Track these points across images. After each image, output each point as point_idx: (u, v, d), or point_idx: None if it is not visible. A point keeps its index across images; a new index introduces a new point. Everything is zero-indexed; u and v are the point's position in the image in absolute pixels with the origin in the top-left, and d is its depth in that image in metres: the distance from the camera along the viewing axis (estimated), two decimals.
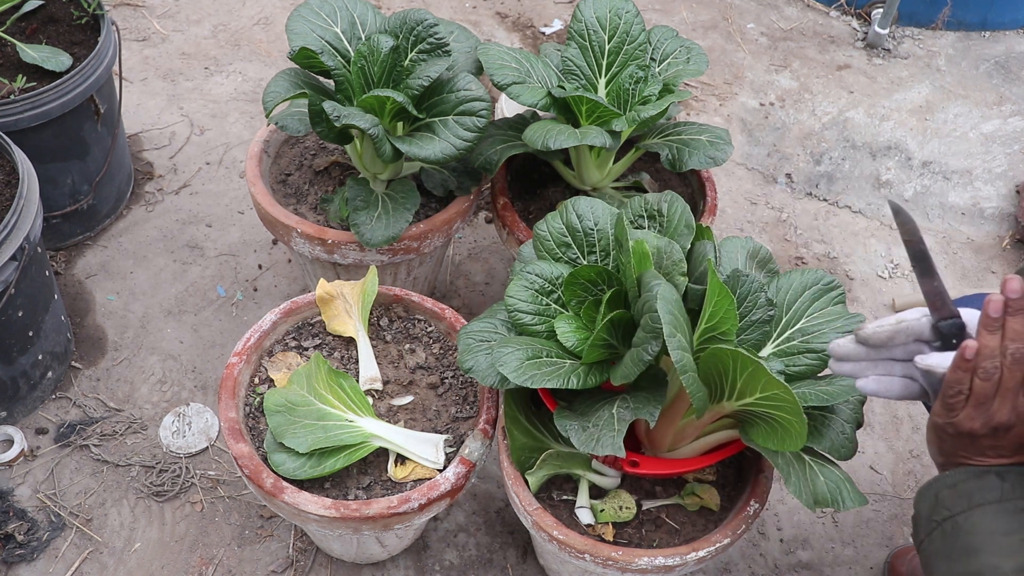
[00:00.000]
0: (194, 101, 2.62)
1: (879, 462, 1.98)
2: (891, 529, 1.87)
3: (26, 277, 1.72)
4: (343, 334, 1.65)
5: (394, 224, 1.72)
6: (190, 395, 1.98)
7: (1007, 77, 2.91)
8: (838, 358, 1.16)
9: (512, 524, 1.81)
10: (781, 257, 2.38)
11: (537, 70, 1.77)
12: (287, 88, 1.68)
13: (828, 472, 1.30)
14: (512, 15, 3.02)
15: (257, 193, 1.83)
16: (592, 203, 1.45)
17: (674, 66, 1.81)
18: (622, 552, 1.37)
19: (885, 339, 1.12)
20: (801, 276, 1.44)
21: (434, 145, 1.65)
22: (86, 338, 2.05)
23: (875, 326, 1.12)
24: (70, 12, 2.13)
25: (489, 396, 1.54)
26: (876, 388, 1.14)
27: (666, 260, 1.33)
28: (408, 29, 1.71)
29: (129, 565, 1.72)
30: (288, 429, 1.45)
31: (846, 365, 1.16)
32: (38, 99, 1.89)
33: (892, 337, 1.12)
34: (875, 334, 1.12)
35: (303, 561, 1.74)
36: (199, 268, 2.22)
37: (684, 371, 1.16)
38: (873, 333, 1.12)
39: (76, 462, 1.85)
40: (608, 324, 1.28)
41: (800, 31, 3.06)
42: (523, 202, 1.94)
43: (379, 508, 1.39)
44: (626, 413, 1.25)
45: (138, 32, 2.82)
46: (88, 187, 2.15)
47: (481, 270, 2.28)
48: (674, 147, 1.76)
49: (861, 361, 1.15)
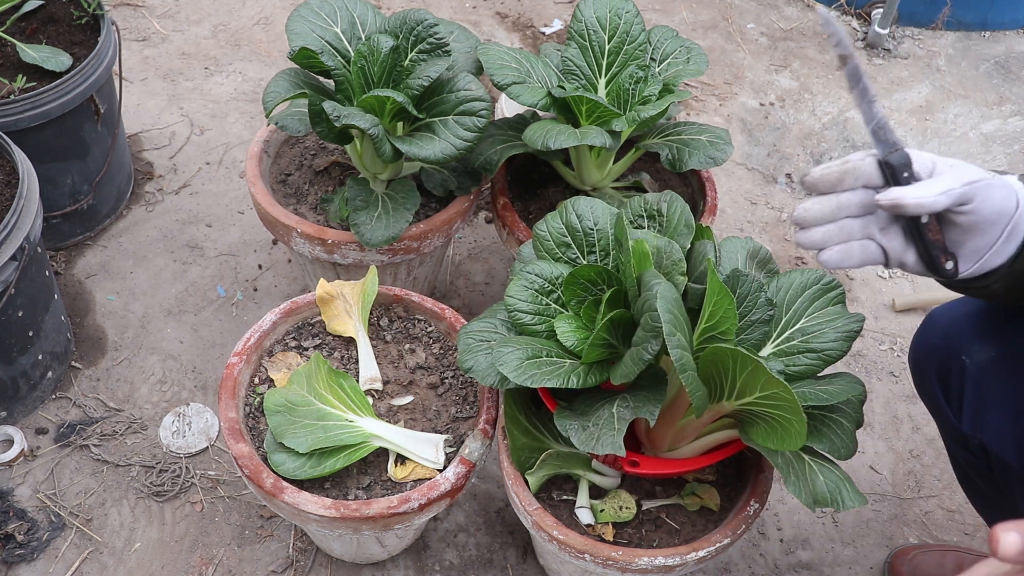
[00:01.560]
0: (194, 101, 2.62)
1: (879, 462, 1.98)
2: (891, 529, 1.87)
3: (26, 277, 1.72)
4: (343, 334, 1.65)
5: (394, 224, 1.72)
6: (190, 395, 1.98)
7: (1007, 77, 2.91)
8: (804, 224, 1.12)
9: (512, 524, 1.81)
10: (781, 257, 2.38)
11: (537, 70, 1.77)
12: (287, 88, 1.69)
13: (828, 472, 1.30)
14: (512, 15, 3.02)
15: (257, 193, 1.83)
16: (592, 203, 1.45)
17: (674, 66, 1.81)
18: (622, 552, 1.37)
19: (835, 180, 1.09)
20: (801, 276, 1.44)
21: (434, 145, 1.65)
22: (86, 338, 2.05)
23: (822, 169, 1.09)
24: (70, 12, 2.13)
25: (489, 396, 1.54)
26: (839, 258, 1.10)
27: (666, 260, 1.33)
28: (408, 29, 1.71)
29: (129, 565, 1.72)
30: (288, 429, 1.45)
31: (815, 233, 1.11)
32: (38, 99, 1.89)
33: (841, 178, 1.09)
34: (824, 177, 1.09)
35: (303, 561, 1.74)
36: (199, 268, 2.22)
37: (684, 370, 1.16)
38: (821, 176, 1.09)
39: (76, 462, 1.85)
40: (608, 323, 1.28)
41: (800, 31, 3.06)
42: (523, 202, 1.94)
43: (379, 508, 1.39)
44: (626, 412, 1.25)
45: (138, 32, 2.82)
46: (88, 187, 2.15)
47: (481, 270, 2.28)
48: (674, 147, 1.76)
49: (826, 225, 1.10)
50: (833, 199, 1.10)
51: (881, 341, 2.20)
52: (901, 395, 2.10)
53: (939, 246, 1.09)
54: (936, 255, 1.09)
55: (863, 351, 2.18)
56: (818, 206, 1.10)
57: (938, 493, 1.93)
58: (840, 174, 1.09)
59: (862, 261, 1.12)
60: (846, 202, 1.10)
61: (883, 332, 2.22)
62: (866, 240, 1.11)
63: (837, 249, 1.11)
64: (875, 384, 2.12)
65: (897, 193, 1.05)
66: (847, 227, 1.11)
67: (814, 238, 1.11)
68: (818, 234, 1.11)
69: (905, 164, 1.07)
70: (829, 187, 1.10)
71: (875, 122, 1.09)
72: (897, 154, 1.07)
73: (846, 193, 1.10)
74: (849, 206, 1.10)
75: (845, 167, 1.09)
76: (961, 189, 1.05)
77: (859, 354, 2.17)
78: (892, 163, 1.07)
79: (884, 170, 1.09)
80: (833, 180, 1.10)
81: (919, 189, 1.05)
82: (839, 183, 1.10)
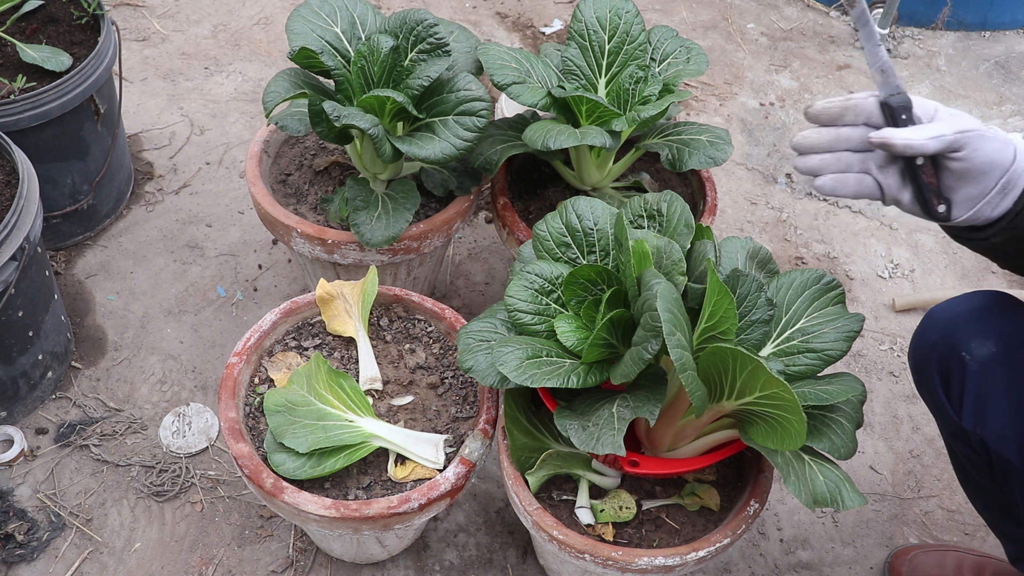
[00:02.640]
0: (194, 101, 2.62)
1: (879, 462, 1.98)
2: (891, 529, 1.87)
3: (26, 277, 1.72)
4: (343, 334, 1.65)
5: (394, 224, 1.72)
6: (190, 395, 1.98)
7: (1007, 77, 2.91)
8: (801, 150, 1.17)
9: (512, 524, 1.81)
10: (781, 257, 2.38)
11: (537, 70, 1.77)
12: (287, 88, 1.69)
13: (827, 472, 1.30)
14: (512, 15, 3.02)
15: (257, 193, 1.83)
16: (591, 203, 1.45)
17: (674, 66, 1.81)
18: (622, 552, 1.37)
19: (836, 114, 1.15)
20: (801, 276, 1.44)
21: (434, 145, 1.65)
22: (86, 338, 2.05)
23: (825, 102, 1.15)
24: (70, 12, 2.14)
25: (489, 396, 1.54)
26: (833, 185, 1.16)
27: (666, 260, 1.33)
28: (408, 29, 1.71)
29: (129, 565, 1.72)
30: (288, 429, 1.45)
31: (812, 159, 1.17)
32: (38, 99, 1.89)
33: (842, 113, 1.15)
34: (825, 110, 1.15)
35: (303, 561, 1.74)
36: (199, 268, 2.22)
37: (684, 369, 1.16)
38: (823, 109, 1.15)
39: (76, 462, 1.85)
40: (608, 323, 1.28)
41: (800, 31, 3.06)
42: (523, 202, 1.94)
43: (379, 508, 1.39)
44: (626, 412, 1.25)
45: (138, 32, 2.82)
46: (88, 187, 2.15)
47: (481, 270, 2.28)
48: (674, 147, 1.76)
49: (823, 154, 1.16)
50: (832, 131, 1.16)
51: (881, 341, 2.20)
52: (901, 395, 2.10)
53: (932, 189, 1.13)
54: (929, 197, 1.14)
55: (863, 351, 2.18)
56: (816, 135, 1.16)
57: (938, 493, 1.93)
58: (842, 109, 1.14)
59: (856, 192, 1.17)
60: (845, 135, 1.15)
61: (883, 332, 2.22)
62: (863, 174, 1.16)
63: (831, 177, 1.16)
64: (875, 384, 2.12)
65: (888, 132, 1.11)
66: (844, 159, 1.16)
67: (810, 163, 1.17)
68: (815, 160, 1.17)
69: (904, 107, 1.12)
70: (830, 120, 1.15)
71: (879, 64, 1.14)
72: (898, 96, 1.13)
73: (846, 127, 1.15)
74: (848, 139, 1.15)
75: (847, 103, 1.14)
76: (953, 136, 1.09)
77: (859, 354, 2.17)
78: (892, 105, 1.13)
79: (885, 111, 1.14)
80: (835, 113, 1.15)
81: (910, 131, 1.10)
82: (840, 117, 1.15)
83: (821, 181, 1.17)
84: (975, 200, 1.13)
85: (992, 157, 1.11)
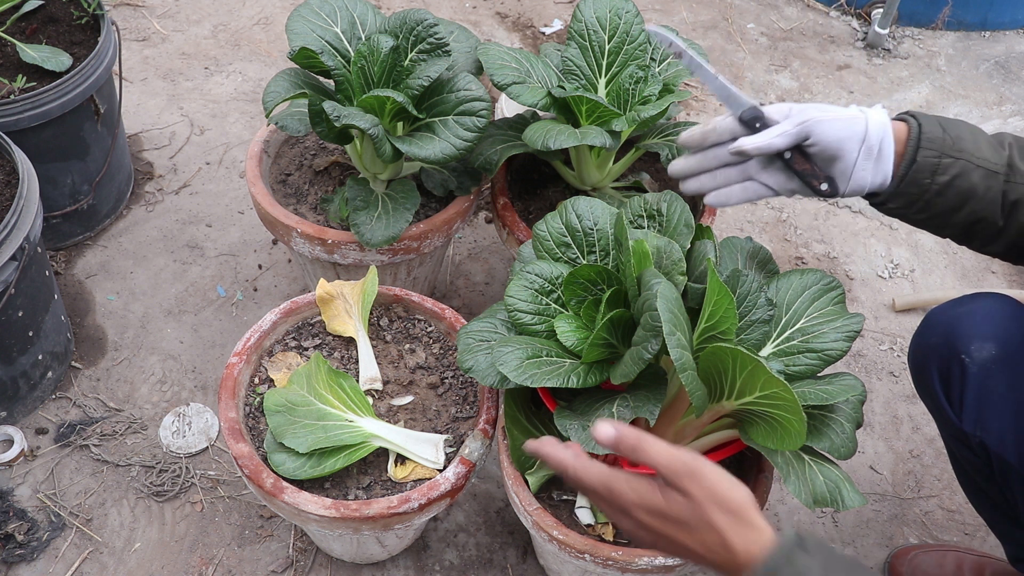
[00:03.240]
0: (194, 101, 2.62)
1: (879, 462, 1.98)
2: (891, 529, 1.87)
3: (26, 277, 1.72)
4: (343, 334, 1.65)
5: (394, 224, 1.72)
6: (190, 395, 1.98)
7: (1007, 77, 2.91)
8: (677, 175, 1.33)
9: (512, 524, 1.81)
10: (781, 257, 2.38)
11: (537, 70, 1.77)
12: (287, 88, 1.69)
13: (827, 471, 1.30)
14: (512, 15, 3.02)
15: (257, 193, 1.83)
16: (591, 203, 1.45)
17: (674, 66, 1.81)
18: (622, 552, 1.37)
19: (699, 139, 1.29)
20: (801, 276, 1.44)
21: (434, 145, 1.65)
22: (86, 338, 2.05)
23: (687, 131, 1.30)
24: (70, 12, 2.14)
25: (489, 396, 1.54)
26: (719, 199, 1.30)
27: (665, 260, 1.33)
28: (408, 29, 1.71)
29: (129, 565, 1.72)
30: (288, 429, 1.45)
31: (691, 183, 1.32)
32: (38, 99, 1.89)
33: (705, 136, 1.29)
34: (689, 137, 1.30)
35: (303, 561, 1.74)
36: (199, 268, 2.22)
37: (683, 369, 1.16)
38: (688, 137, 1.30)
39: (76, 462, 1.85)
40: (608, 323, 1.28)
41: (800, 31, 3.06)
42: (523, 202, 1.94)
43: (379, 508, 1.39)
44: (626, 412, 1.25)
45: (138, 32, 2.82)
46: (88, 187, 2.15)
47: (481, 270, 2.28)
48: (674, 147, 1.76)
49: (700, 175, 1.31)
50: (699, 155, 1.31)
51: (881, 341, 2.20)
52: (901, 395, 2.10)
53: (809, 173, 1.26)
54: (809, 180, 1.27)
55: (863, 351, 2.18)
56: (684, 161, 1.33)
57: (938, 493, 1.93)
58: (702, 134, 1.29)
59: (744, 198, 1.30)
60: (713, 154, 1.30)
61: (883, 332, 2.22)
62: (747, 182, 1.29)
63: (714, 193, 1.31)
64: (875, 384, 2.12)
65: (740, 141, 1.25)
66: (721, 174, 1.30)
67: (691, 187, 1.33)
68: (693, 184, 1.32)
69: (756, 117, 1.26)
70: (696, 145, 1.31)
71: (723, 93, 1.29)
72: (748, 110, 1.26)
73: (712, 148, 1.30)
74: (718, 157, 1.29)
75: (706, 127, 1.29)
76: (795, 129, 1.22)
77: (859, 354, 2.17)
78: (744, 119, 1.27)
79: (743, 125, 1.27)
80: (697, 139, 1.30)
81: (758, 137, 1.24)
82: (704, 140, 1.30)
83: (708, 199, 1.31)
84: (847, 172, 1.24)
85: (839, 134, 1.22)
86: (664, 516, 0.94)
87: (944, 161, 1.22)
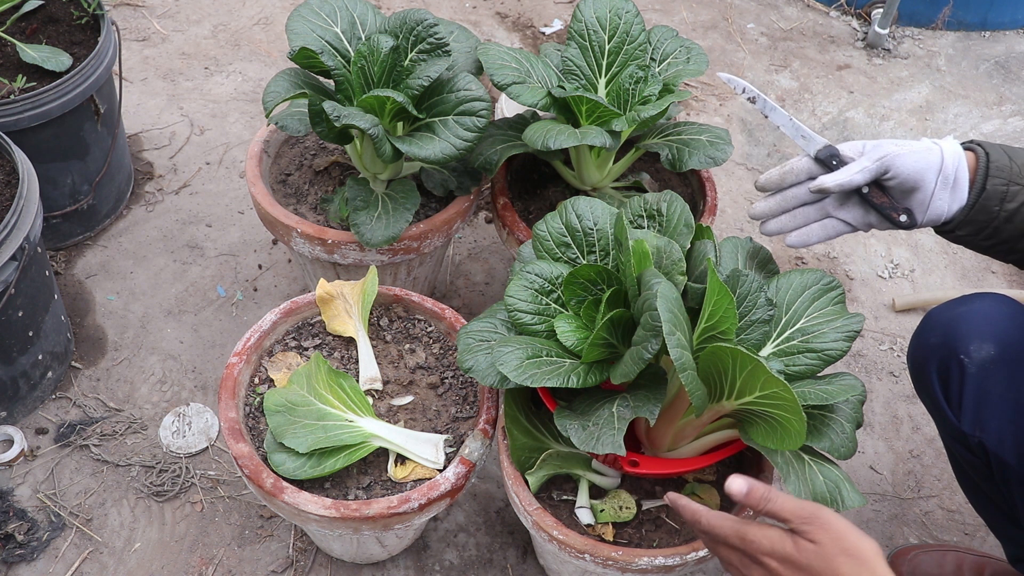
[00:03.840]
0: (194, 101, 2.62)
1: (879, 462, 1.98)
2: (891, 529, 1.87)
3: (26, 277, 1.73)
4: (343, 334, 1.65)
5: (394, 224, 1.72)
6: (190, 395, 1.98)
7: (1007, 77, 2.91)
8: (758, 217, 1.38)
9: (512, 524, 1.81)
10: (781, 257, 2.38)
11: (537, 70, 1.77)
12: (287, 88, 1.69)
13: (827, 471, 1.30)
14: (512, 15, 3.02)
15: (257, 193, 1.83)
16: (591, 203, 1.45)
17: (674, 66, 1.81)
18: (622, 552, 1.37)
19: (778, 180, 1.35)
20: (801, 276, 1.44)
21: (434, 145, 1.65)
22: (86, 338, 2.05)
23: (766, 174, 1.36)
24: (70, 12, 2.14)
25: (489, 396, 1.54)
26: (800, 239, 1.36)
27: (665, 259, 1.33)
28: (408, 29, 1.71)
29: (129, 565, 1.72)
30: (288, 429, 1.45)
31: (771, 224, 1.37)
32: (38, 99, 1.89)
33: (783, 178, 1.35)
34: (768, 179, 1.35)
35: (303, 561, 1.74)
36: (199, 268, 2.22)
37: (683, 369, 1.16)
38: (766, 179, 1.36)
39: (76, 462, 1.85)
40: (608, 323, 1.28)
41: (800, 31, 3.06)
42: (523, 202, 1.94)
43: (379, 508, 1.39)
44: (626, 411, 1.25)
45: (138, 32, 2.82)
46: (88, 187, 2.15)
47: (481, 270, 2.28)
48: (674, 147, 1.76)
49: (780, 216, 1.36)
50: (778, 196, 1.36)
51: (881, 341, 2.20)
52: (901, 395, 2.10)
53: (887, 206, 1.32)
54: (887, 213, 1.32)
55: (863, 351, 2.18)
56: (765, 203, 1.38)
57: (938, 493, 1.93)
58: (781, 175, 1.35)
59: (824, 236, 1.36)
60: (792, 195, 1.35)
61: (883, 332, 2.22)
62: (825, 219, 1.35)
63: (795, 233, 1.36)
64: (875, 384, 2.12)
65: (820, 179, 1.30)
66: (800, 214, 1.36)
67: (771, 227, 1.38)
68: (773, 225, 1.38)
69: (832, 155, 1.32)
70: (774, 186, 1.36)
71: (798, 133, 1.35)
72: (824, 149, 1.33)
73: (791, 189, 1.35)
74: (796, 197, 1.35)
75: (783, 169, 1.34)
76: (874, 165, 1.28)
77: (859, 354, 2.17)
78: (820, 157, 1.33)
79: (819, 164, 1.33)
80: (776, 180, 1.36)
81: (838, 174, 1.29)
82: (782, 182, 1.35)
83: (789, 239, 1.36)
84: (924, 203, 1.29)
85: (917, 167, 1.27)
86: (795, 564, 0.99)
87: (1012, 188, 1.25)
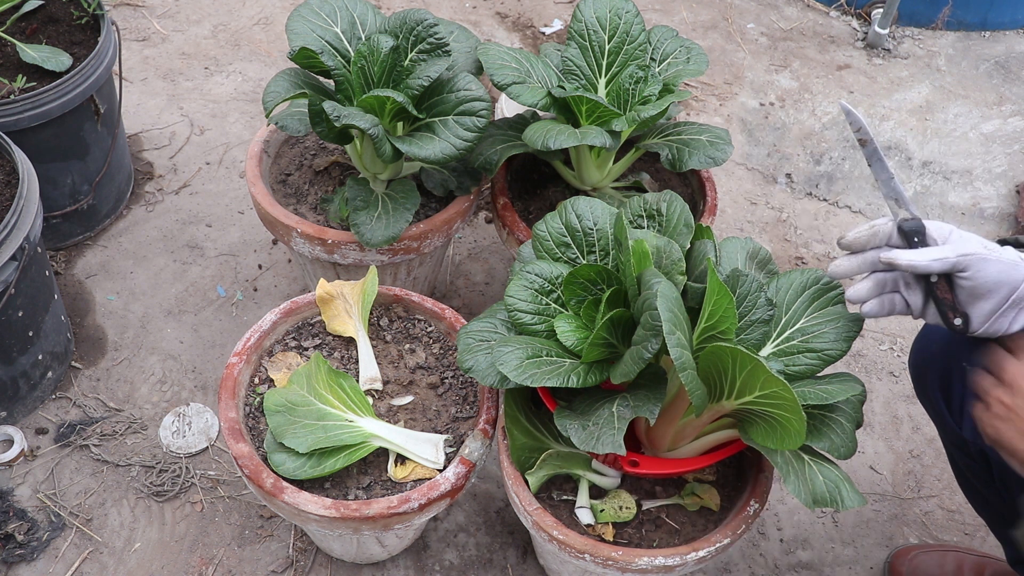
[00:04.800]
0: (194, 101, 2.62)
1: (879, 462, 1.98)
2: (891, 529, 1.87)
3: (26, 277, 1.72)
4: (343, 334, 1.65)
5: (394, 224, 1.72)
6: (190, 395, 1.98)
7: (1007, 77, 2.91)
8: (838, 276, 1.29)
9: (512, 524, 1.81)
10: (781, 257, 2.38)
11: (537, 70, 1.77)
12: (287, 88, 1.69)
13: (827, 471, 1.30)
14: (512, 15, 3.02)
15: (257, 193, 1.83)
16: (591, 203, 1.45)
17: (674, 66, 1.81)
18: (622, 552, 1.37)
19: (865, 241, 1.26)
20: (801, 276, 1.44)
21: (434, 145, 1.65)
22: (86, 338, 2.05)
23: (854, 233, 1.27)
24: (70, 12, 2.14)
25: (489, 396, 1.54)
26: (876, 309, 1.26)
27: (665, 259, 1.33)
28: (408, 29, 1.71)
29: (129, 565, 1.72)
30: (288, 429, 1.45)
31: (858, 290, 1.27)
32: (38, 99, 1.89)
33: (869, 240, 1.25)
34: (855, 239, 1.26)
35: (303, 561, 1.74)
36: (199, 268, 2.22)
37: (683, 369, 1.16)
38: (854, 239, 1.26)
39: (76, 462, 1.85)
40: (608, 323, 1.28)
41: (800, 31, 3.06)
42: (523, 202, 1.94)
43: (379, 508, 1.39)
44: (626, 411, 1.25)
45: (138, 32, 2.82)
46: (88, 187, 2.15)
47: (481, 270, 2.28)
48: (674, 147, 1.76)
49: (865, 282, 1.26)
50: (859, 257, 1.27)
51: (881, 341, 2.20)
52: (901, 395, 2.10)
53: (947, 304, 1.22)
54: (944, 311, 1.22)
55: (863, 351, 2.18)
56: (847, 262, 1.28)
57: (938, 493, 1.93)
58: (868, 236, 1.25)
59: (893, 311, 1.27)
60: (871, 258, 1.26)
61: (883, 332, 2.22)
62: (895, 293, 1.27)
63: (875, 301, 1.27)
64: (875, 384, 2.12)
65: (895, 253, 1.22)
66: (881, 279, 1.26)
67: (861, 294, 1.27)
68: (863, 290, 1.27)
69: (917, 231, 1.23)
70: (860, 247, 1.27)
71: (893, 194, 1.27)
72: (910, 222, 1.23)
73: (871, 251, 1.26)
74: (875, 262, 1.26)
75: (872, 230, 1.25)
76: (955, 258, 1.18)
77: (859, 354, 2.17)
78: (904, 229, 1.24)
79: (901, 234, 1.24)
80: (863, 240, 1.26)
81: (916, 253, 1.20)
82: (867, 243, 1.26)
83: (867, 307, 1.27)
84: (989, 314, 1.20)
85: (997, 278, 1.18)
86: None
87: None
